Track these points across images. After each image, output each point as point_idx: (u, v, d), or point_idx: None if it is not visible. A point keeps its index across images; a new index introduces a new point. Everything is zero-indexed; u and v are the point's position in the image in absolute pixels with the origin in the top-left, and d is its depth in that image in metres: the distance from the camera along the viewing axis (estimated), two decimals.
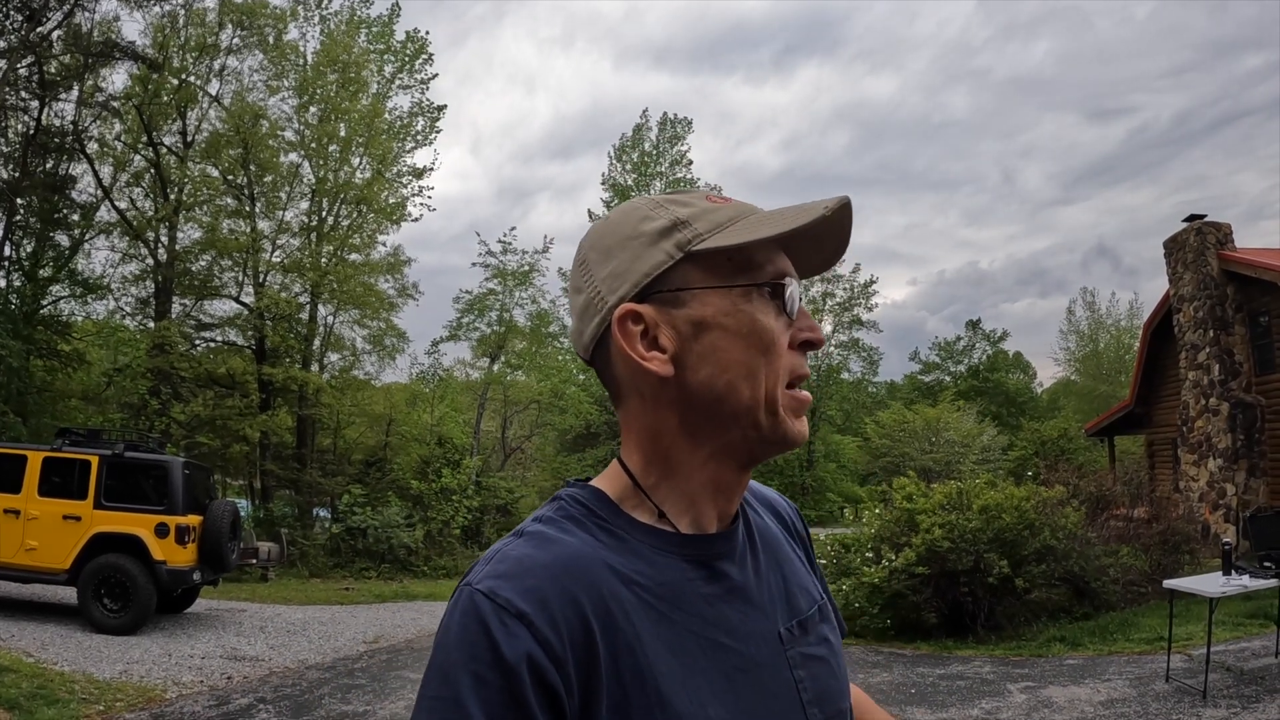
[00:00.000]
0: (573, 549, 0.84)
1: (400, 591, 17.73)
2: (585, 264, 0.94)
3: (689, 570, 0.89)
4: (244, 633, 11.40)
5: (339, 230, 24.36)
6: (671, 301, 0.88)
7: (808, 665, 0.94)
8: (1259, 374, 17.13)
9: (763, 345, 0.88)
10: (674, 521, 0.91)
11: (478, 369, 30.91)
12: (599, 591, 0.81)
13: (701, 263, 0.88)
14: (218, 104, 22.55)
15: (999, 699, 7.54)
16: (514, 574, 0.80)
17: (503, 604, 0.77)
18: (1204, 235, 17.91)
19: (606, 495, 0.92)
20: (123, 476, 11.10)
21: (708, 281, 0.88)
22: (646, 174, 33.03)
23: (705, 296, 0.88)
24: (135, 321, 23.47)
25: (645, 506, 0.91)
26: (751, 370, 0.87)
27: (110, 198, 21.65)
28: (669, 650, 0.83)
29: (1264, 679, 7.31)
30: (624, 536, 0.88)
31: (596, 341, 0.92)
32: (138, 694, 7.81)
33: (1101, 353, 45.91)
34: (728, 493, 0.94)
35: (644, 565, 0.86)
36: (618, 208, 0.96)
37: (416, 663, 9.98)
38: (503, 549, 0.85)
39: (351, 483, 23.78)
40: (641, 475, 0.92)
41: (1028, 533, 10.72)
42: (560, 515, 0.90)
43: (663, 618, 0.84)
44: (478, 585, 0.80)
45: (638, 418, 0.92)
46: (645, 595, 0.84)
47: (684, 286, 0.88)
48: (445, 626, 0.80)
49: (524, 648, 0.75)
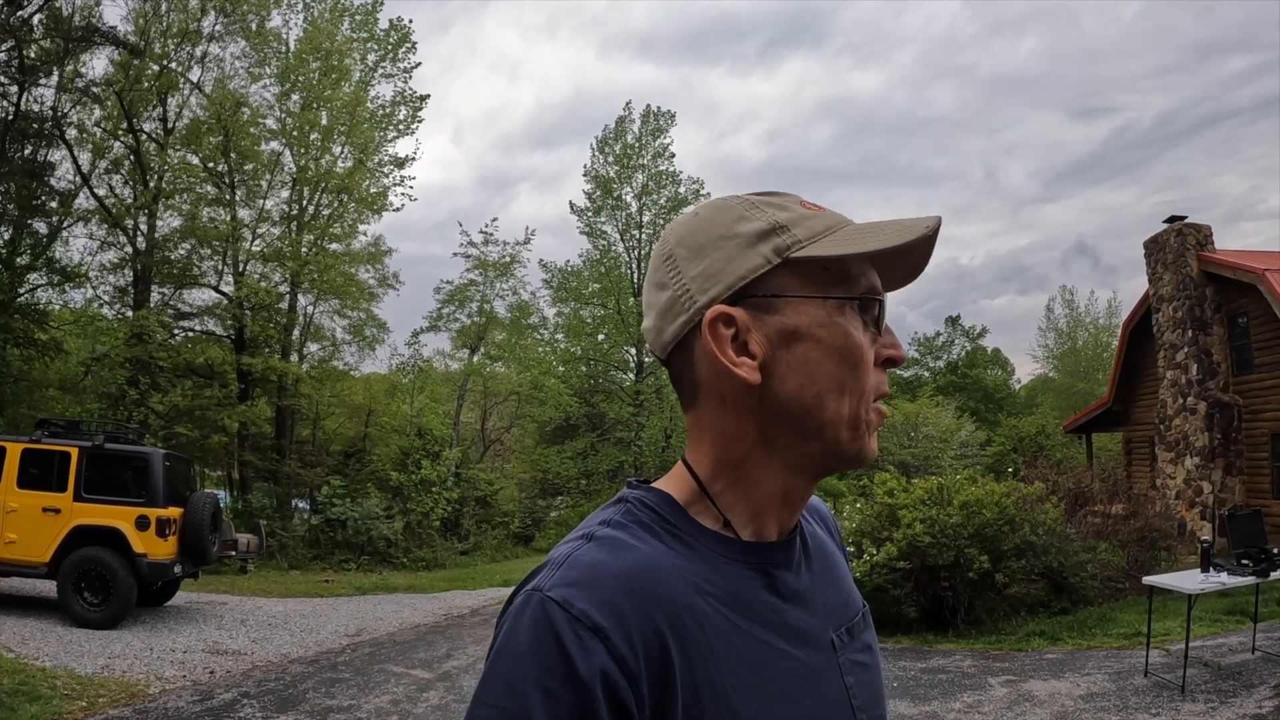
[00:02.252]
0: (647, 558, 0.82)
1: (380, 584, 17.69)
2: (672, 259, 0.91)
3: (753, 578, 0.88)
4: (225, 626, 11.34)
5: (319, 219, 24.22)
6: (765, 307, 0.87)
7: (856, 672, 0.94)
8: (1236, 374, 17.35)
9: (853, 360, 0.86)
10: (737, 530, 0.90)
11: (457, 360, 30.89)
12: (674, 604, 0.80)
13: (798, 270, 0.86)
14: (199, 91, 22.33)
15: (980, 692, 7.62)
16: (588, 583, 0.77)
17: (578, 615, 0.75)
18: (1184, 236, 18.12)
19: (674, 499, 0.90)
20: (103, 468, 10.99)
21: (804, 290, 0.87)
22: (629, 166, 32.96)
23: (800, 305, 0.86)
24: (113, 310, 23.30)
25: (711, 513, 0.90)
26: (841, 384, 0.86)
27: (89, 185, 21.39)
28: (739, 659, 0.82)
29: (1241, 674, 7.43)
30: (693, 544, 0.87)
31: (678, 341, 0.90)
32: (120, 689, 7.76)
33: (1080, 350, 46.29)
34: (794, 504, 0.93)
35: (713, 574, 0.85)
36: (708, 204, 0.94)
37: (400, 656, 9.96)
38: (574, 554, 0.82)
39: (331, 474, 23.73)
40: (710, 481, 0.91)
41: (1008, 528, 10.82)
42: (629, 520, 0.87)
43: (734, 626, 0.83)
44: (549, 593, 0.77)
45: (714, 422, 0.90)
46: (717, 605, 0.83)
47: (779, 294, 0.86)
48: (512, 634, 0.77)
49: (599, 664, 0.73)
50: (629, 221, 33.19)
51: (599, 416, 31.88)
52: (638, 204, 33.10)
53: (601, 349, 33.68)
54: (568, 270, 33.59)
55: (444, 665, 9.43)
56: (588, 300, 33.42)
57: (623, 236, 33.37)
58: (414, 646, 10.65)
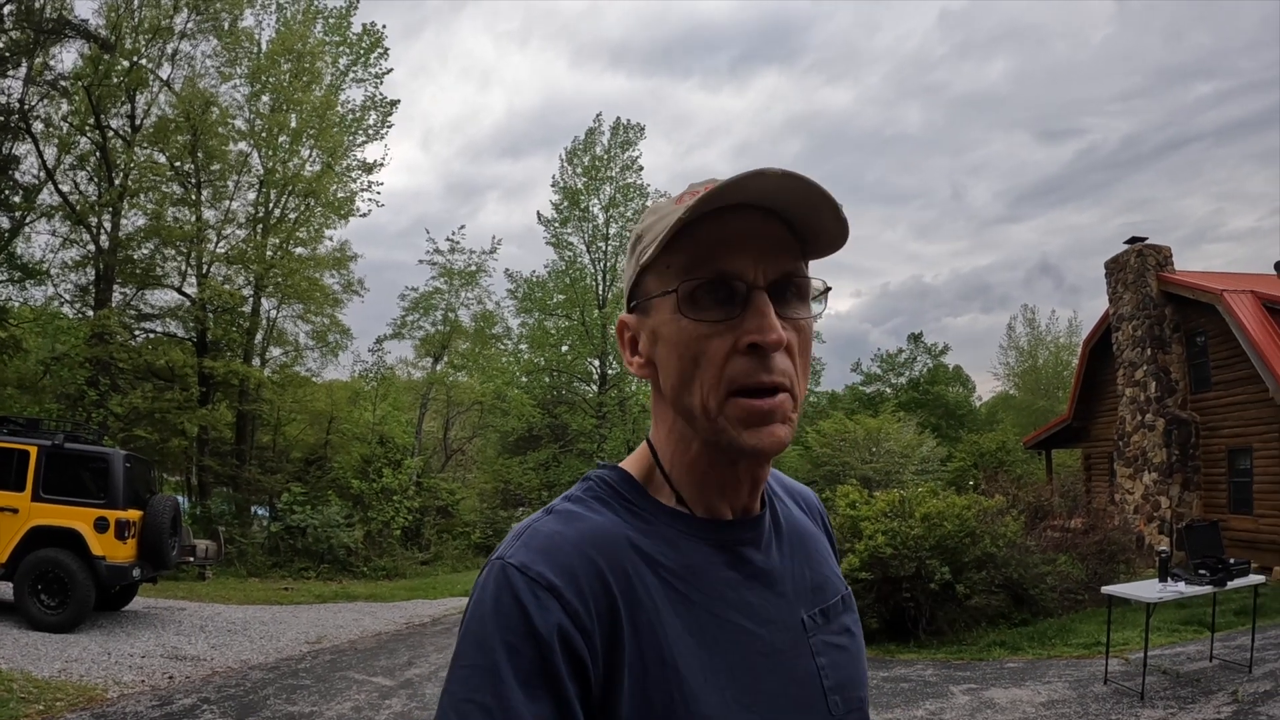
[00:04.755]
0: (600, 526, 0.88)
1: (340, 592, 17.51)
2: None
3: (712, 554, 0.92)
4: (184, 632, 11.16)
5: (286, 223, 23.96)
6: (644, 310, 0.93)
7: (829, 653, 0.96)
8: (1194, 392, 17.72)
9: (691, 354, 0.87)
10: (690, 506, 0.94)
11: (421, 368, 30.68)
12: (623, 567, 0.85)
13: (653, 272, 0.91)
14: (168, 88, 22.00)
15: (943, 700, 7.70)
16: (545, 548, 0.84)
17: (534, 576, 0.80)
18: (1145, 257, 18.51)
19: (632, 477, 0.95)
20: (62, 468, 10.78)
21: (659, 289, 0.90)
22: (597, 178, 33.02)
23: (659, 304, 0.90)
24: (74, 309, 22.80)
25: (666, 490, 0.95)
26: (687, 378, 0.88)
27: (54, 180, 20.99)
28: (687, 630, 0.85)
29: (1199, 681, 7.58)
30: (649, 518, 0.91)
31: None
32: (78, 693, 7.61)
33: (1040, 368, 46.97)
34: (732, 487, 0.94)
35: (667, 547, 0.89)
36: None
37: (361, 663, 9.86)
38: (533, 525, 0.88)
39: (291, 480, 23.43)
40: (666, 459, 0.96)
41: (969, 540, 10.96)
42: (589, 495, 0.93)
43: (683, 598, 0.87)
44: (510, 559, 0.83)
45: (658, 405, 0.97)
46: (666, 576, 0.87)
47: (643, 297, 0.93)
48: (479, 599, 0.82)
49: (555, 619, 0.79)
50: (595, 233, 33.25)
51: (561, 428, 31.81)
52: (604, 216, 33.17)
53: (565, 360, 33.67)
54: (533, 281, 33.60)
55: (406, 673, 9.35)
56: (552, 311, 33.43)
57: (589, 248, 33.42)
58: (375, 654, 10.55)
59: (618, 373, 33.05)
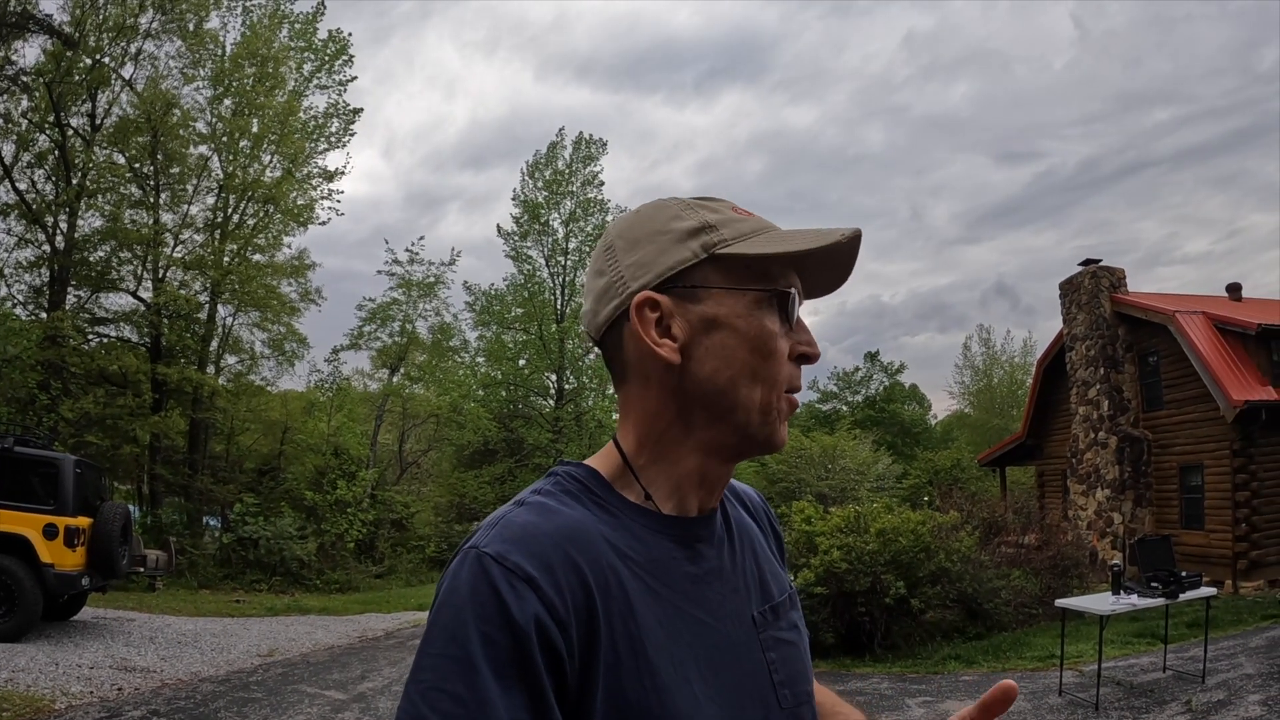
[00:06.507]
0: (574, 520, 0.88)
1: (293, 605, 17.27)
2: (611, 250, 0.98)
3: (674, 550, 0.94)
4: (133, 643, 10.92)
5: (244, 229, 23.70)
6: (689, 296, 0.94)
7: (778, 648, 1.00)
8: (1146, 410, 18.10)
9: (766, 350, 0.93)
10: (658, 503, 0.96)
11: (377, 380, 30.41)
12: (599, 562, 0.86)
13: (722, 266, 0.94)
14: (130, 88, 21.69)
15: (899, 713, 7.76)
16: (520, 539, 0.83)
17: (512, 567, 0.80)
18: (1098, 278, 18.89)
19: (600, 474, 0.96)
20: (11, 473, 10.49)
21: (725, 283, 0.94)
22: (558, 192, 32.99)
23: (721, 297, 0.94)
24: (27, 311, 22.30)
25: (634, 487, 0.96)
26: (754, 371, 0.93)
27: (11, 177, 20.57)
28: (658, 623, 0.87)
29: (1153, 692, 7.72)
30: (617, 514, 0.92)
31: (610, 324, 0.97)
32: (25, 703, 7.42)
33: (995, 387, 47.63)
34: (711, 484, 0.99)
35: (635, 542, 0.91)
36: (649, 203, 1.01)
37: (314, 677, 9.72)
38: (506, 516, 0.88)
39: (244, 491, 23.10)
40: (634, 456, 0.97)
41: (923, 555, 11.06)
42: (558, 489, 0.94)
43: (651, 591, 0.89)
44: (485, 549, 0.82)
45: (639, 401, 0.97)
46: (636, 570, 0.89)
47: (703, 285, 0.94)
48: (452, 587, 0.82)
49: (533, 610, 0.78)
50: (555, 247, 33.14)
51: (518, 442, 31.56)
52: (564, 230, 33.10)
53: (522, 374, 33.50)
54: (492, 293, 33.43)
55: (359, 686, 9.24)
56: (510, 324, 33.26)
57: (548, 262, 33.27)
58: (328, 668, 10.41)
59: (575, 387, 32.99)
